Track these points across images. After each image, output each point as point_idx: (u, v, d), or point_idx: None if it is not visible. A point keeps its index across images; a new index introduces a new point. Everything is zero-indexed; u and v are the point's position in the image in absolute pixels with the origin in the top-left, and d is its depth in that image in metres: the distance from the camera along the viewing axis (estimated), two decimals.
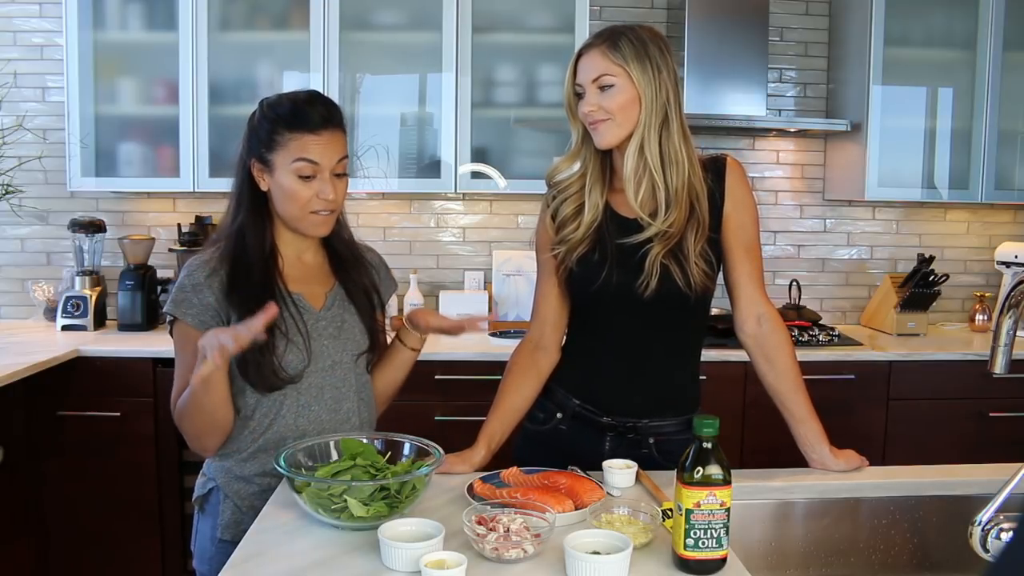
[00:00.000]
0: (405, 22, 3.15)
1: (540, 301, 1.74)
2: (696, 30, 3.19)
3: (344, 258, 1.67)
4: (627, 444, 1.67)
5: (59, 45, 3.21)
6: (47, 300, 3.28)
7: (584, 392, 1.69)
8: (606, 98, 1.57)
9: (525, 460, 1.56)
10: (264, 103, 1.58)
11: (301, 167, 1.52)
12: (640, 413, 1.66)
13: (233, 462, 1.58)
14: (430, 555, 1.13)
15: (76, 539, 2.86)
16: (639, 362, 1.66)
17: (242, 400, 1.55)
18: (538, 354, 1.73)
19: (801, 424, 1.64)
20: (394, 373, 1.73)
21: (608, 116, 1.57)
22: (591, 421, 1.68)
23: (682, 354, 1.70)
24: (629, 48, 1.56)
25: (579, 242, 1.63)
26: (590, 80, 1.58)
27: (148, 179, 3.19)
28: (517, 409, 1.71)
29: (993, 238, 3.65)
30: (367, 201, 3.47)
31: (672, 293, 1.59)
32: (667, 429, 1.67)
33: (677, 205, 1.58)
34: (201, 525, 1.64)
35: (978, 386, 2.99)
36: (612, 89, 1.56)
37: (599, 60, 1.57)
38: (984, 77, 3.25)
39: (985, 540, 1.25)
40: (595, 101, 1.57)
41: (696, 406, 1.72)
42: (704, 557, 1.18)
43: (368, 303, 1.67)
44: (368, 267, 1.71)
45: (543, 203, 1.73)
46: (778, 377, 1.66)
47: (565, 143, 3.13)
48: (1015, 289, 1.33)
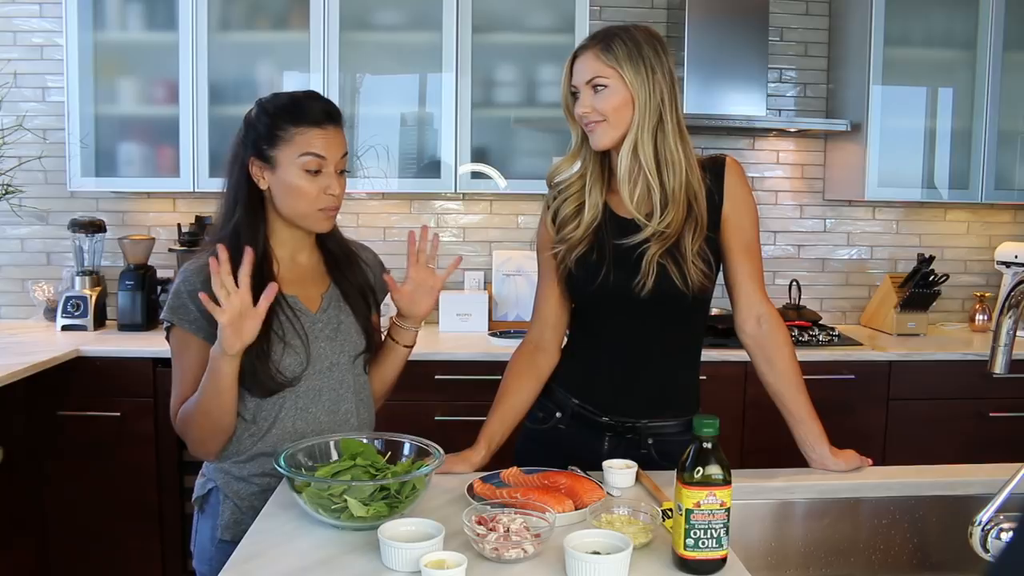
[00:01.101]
0: (405, 22, 3.15)
1: (540, 302, 1.75)
2: (696, 30, 3.19)
3: (338, 258, 1.67)
4: (626, 444, 1.67)
5: (59, 45, 3.21)
6: (47, 300, 3.28)
7: (583, 392, 1.70)
8: (599, 99, 1.57)
9: (525, 459, 1.56)
10: (262, 101, 1.57)
11: (308, 161, 1.51)
12: (639, 413, 1.66)
13: (232, 463, 1.58)
14: (430, 555, 1.13)
15: (76, 539, 2.86)
16: (638, 362, 1.66)
17: (241, 404, 1.55)
18: (538, 355, 1.73)
19: (801, 424, 1.64)
20: (387, 371, 1.72)
21: (602, 118, 1.57)
22: (590, 421, 1.68)
23: (681, 354, 1.70)
24: (622, 49, 1.56)
25: (578, 242, 1.63)
26: (584, 82, 1.59)
27: (148, 179, 3.19)
28: (517, 410, 1.71)
29: (993, 238, 3.65)
30: (367, 201, 3.47)
31: (670, 293, 1.59)
32: (666, 430, 1.67)
33: (674, 206, 1.57)
34: (201, 525, 1.63)
35: (978, 386, 2.99)
36: (605, 91, 1.57)
37: (592, 62, 1.58)
38: (984, 77, 3.25)
39: (985, 540, 1.25)
40: (589, 103, 1.58)
41: (696, 407, 1.71)
42: (704, 557, 1.18)
43: (364, 303, 1.66)
44: (363, 266, 1.70)
45: (544, 204, 1.73)
46: (778, 377, 1.65)
47: (565, 143, 3.13)
48: (1015, 289, 1.33)
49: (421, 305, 1.65)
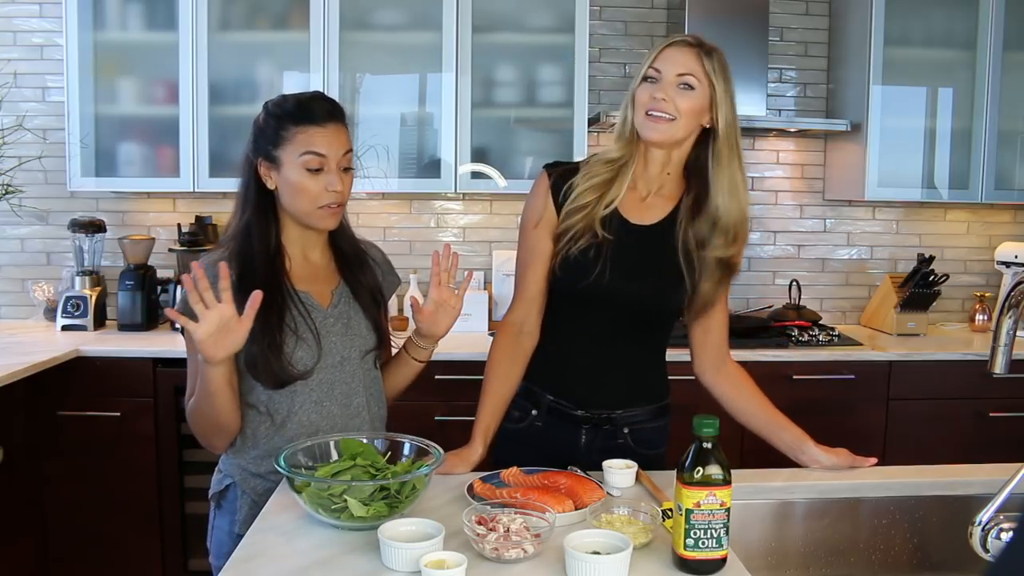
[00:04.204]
0: (405, 22, 3.15)
1: (529, 281, 1.71)
2: (696, 30, 3.14)
3: (348, 256, 1.69)
4: (603, 436, 1.69)
5: (59, 45, 3.21)
6: (47, 300, 3.28)
7: (558, 387, 1.71)
8: (683, 97, 1.56)
9: (503, 460, 1.56)
10: (268, 103, 1.61)
11: (308, 160, 1.54)
12: (613, 404, 1.69)
13: (248, 459, 1.60)
14: (430, 555, 1.13)
15: (76, 539, 2.86)
16: (613, 357, 1.69)
17: (255, 396, 1.57)
18: (523, 338, 1.71)
19: (783, 432, 1.67)
20: (398, 381, 1.76)
21: (675, 116, 1.56)
22: (566, 415, 1.70)
23: (654, 351, 1.75)
24: (719, 63, 1.57)
25: (583, 232, 1.61)
26: (675, 73, 1.56)
27: (148, 179, 3.19)
28: (507, 398, 1.70)
29: (993, 238, 3.65)
30: (367, 201, 3.47)
31: (660, 301, 1.65)
32: (640, 418, 1.71)
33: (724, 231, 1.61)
34: (218, 521, 1.65)
35: (978, 386, 2.98)
36: (692, 92, 1.56)
37: (692, 60, 1.56)
38: (984, 77, 3.25)
39: (985, 540, 1.25)
40: (671, 95, 1.56)
41: (666, 394, 1.76)
42: (704, 557, 1.18)
43: (373, 301, 1.69)
44: (371, 265, 1.73)
45: (544, 179, 1.67)
46: (748, 398, 1.71)
47: (565, 143, 3.16)
48: (1015, 289, 1.33)
49: (441, 325, 1.66)
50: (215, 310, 1.39)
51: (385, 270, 1.76)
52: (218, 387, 1.47)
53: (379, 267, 1.75)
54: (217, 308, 1.40)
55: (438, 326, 1.66)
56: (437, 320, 1.65)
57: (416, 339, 1.71)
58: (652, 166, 1.64)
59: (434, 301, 1.63)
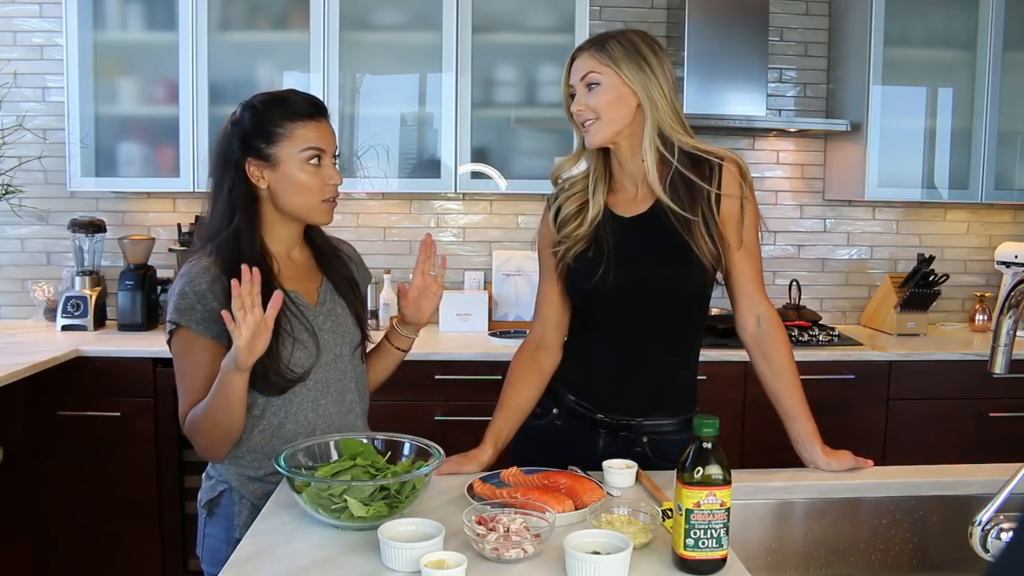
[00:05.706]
0: (405, 22, 3.15)
1: (542, 301, 1.76)
2: (696, 30, 3.19)
3: (325, 252, 1.70)
4: (620, 442, 1.68)
5: (59, 45, 3.21)
6: (47, 300, 3.28)
7: (579, 388, 1.71)
8: (592, 96, 1.60)
9: (520, 454, 1.57)
10: (253, 101, 1.58)
11: (310, 154, 1.55)
12: (634, 411, 1.67)
13: (245, 463, 1.58)
14: (430, 555, 1.13)
15: (76, 539, 2.87)
16: (636, 360, 1.67)
17: (251, 400, 1.55)
18: (540, 354, 1.75)
19: (795, 422, 1.65)
20: (380, 372, 1.79)
21: (595, 115, 1.60)
22: (585, 418, 1.70)
23: (679, 354, 1.71)
24: (618, 49, 1.59)
25: (580, 239, 1.65)
26: (579, 79, 1.62)
27: (148, 179, 3.19)
28: (522, 409, 1.72)
29: (993, 238, 3.65)
30: (367, 201, 3.47)
31: (668, 291, 1.62)
32: (662, 429, 1.68)
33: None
34: (210, 528, 1.63)
35: (978, 386, 2.98)
36: (598, 88, 1.60)
37: (587, 61, 1.61)
38: (984, 77, 3.25)
39: (985, 540, 1.25)
40: (583, 101, 1.61)
41: (693, 407, 1.72)
42: (704, 557, 1.18)
43: (353, 295, 1.71)
44: (346, 260, 1.74)
45: (546, 203, 1.75)
46: (776, 375, 1.66)
47: (565, 143, 3.15)
48: (1015, 289, 1.33)
49: (425, 311, 1.72)
50: (251, 314, 1.39)
51: (358, 265, 1.78)
52: (241, 396, 1.46)
53: (352, 262, 1.76)
54: (253, 312, 1.39)
55: (421, 312, 1.72)
56: (420, 306, 1.72)
57: (399, 327, 1.76)
58: (624, 161, 1.66)
59: (416, 287, 1.70)
